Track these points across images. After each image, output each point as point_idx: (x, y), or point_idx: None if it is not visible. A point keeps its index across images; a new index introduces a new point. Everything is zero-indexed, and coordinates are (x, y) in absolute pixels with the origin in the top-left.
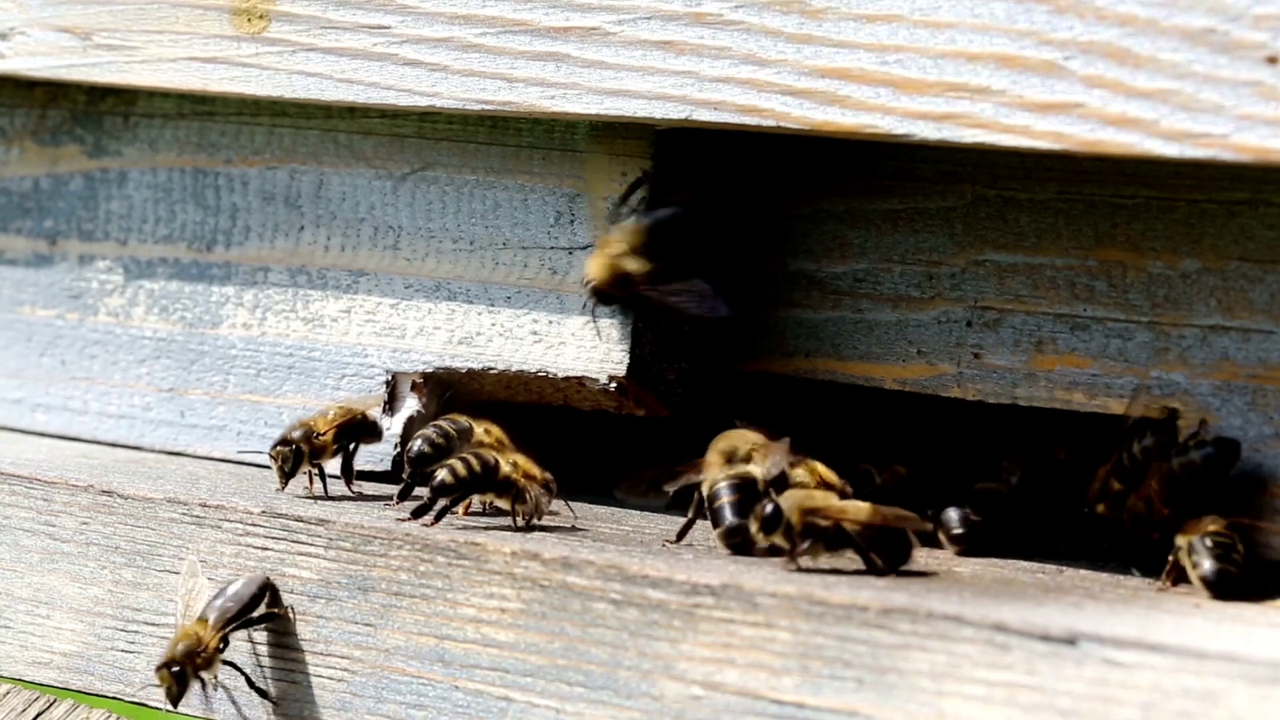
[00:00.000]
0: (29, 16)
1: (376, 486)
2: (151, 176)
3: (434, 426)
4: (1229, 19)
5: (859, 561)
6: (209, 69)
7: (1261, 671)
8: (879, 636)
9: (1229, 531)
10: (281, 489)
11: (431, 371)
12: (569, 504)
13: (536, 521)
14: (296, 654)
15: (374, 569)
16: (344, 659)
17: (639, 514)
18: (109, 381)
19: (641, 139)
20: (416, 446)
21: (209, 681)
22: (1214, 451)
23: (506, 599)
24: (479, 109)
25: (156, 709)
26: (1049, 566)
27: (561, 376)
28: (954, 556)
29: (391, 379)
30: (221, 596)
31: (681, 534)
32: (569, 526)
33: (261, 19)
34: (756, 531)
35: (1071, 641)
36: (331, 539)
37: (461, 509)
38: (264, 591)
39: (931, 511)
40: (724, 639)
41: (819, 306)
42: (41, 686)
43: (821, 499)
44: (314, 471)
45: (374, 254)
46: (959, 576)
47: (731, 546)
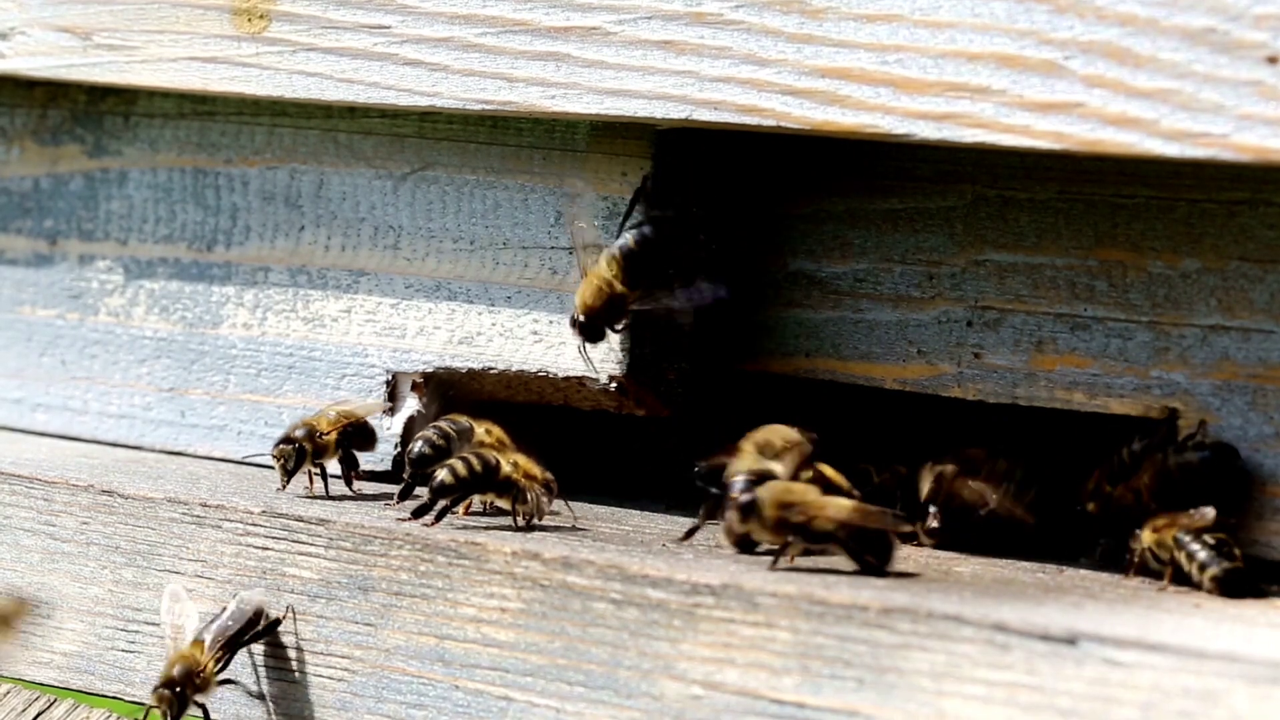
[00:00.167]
0: (29, 16)
1: (376, 486)
2: (152, 176)
3: (434, 427)
4: (1229, 19)
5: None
6: (209, 69)
7: (1261, 671)
8: (879, 636)
9: (1220, 531)
10: (283, 488)
11: (432, 371)
12: (569, 504)
13: (537, 521)
14: (297, 653)
15: (374, 569)
16: (344, 659)
17: (639, 514)
18: (109, 381)
19: (642, 139)
20: (417, 447)
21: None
22: (1210, 455)
23: (507, 599)
24: (479, 109)
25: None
26: (1049, 566)
27: (562, 376)
28: (953, 556)
29: (392, 379)
30: (217, 620)
31: (689, 534)
32: (569, 526)
33: (262, 19)
34: (733, 519)
35: (1072, 641)
36: (332, 539)
37: (462, 509)
38: (258, 617)
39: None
40: (724, 639)
41: (819, 306)
42: (41, 686)
43: (799, 493)
44: (315, 471)
45: (374, 254)
46: (959, 576)
47: (735, 543)
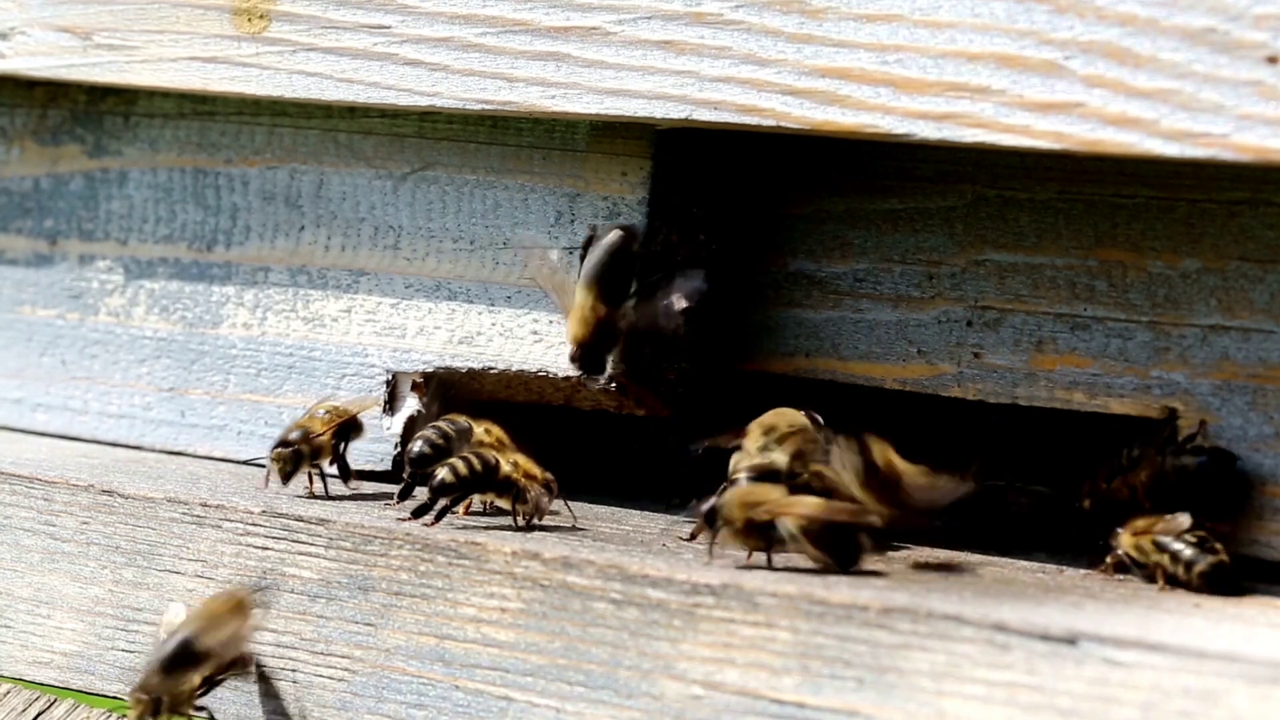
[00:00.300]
0: (29, 16)
1: (376, 486)
2: (152, 176)
3: (434, 426)
4: (1229, 19)
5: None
6: (209, 69)
7: (1261, 671)
8: (879, 636)
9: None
10: (280, 486)
11: (432, 371)
12: (569, 504)
13: (537, 521)
14: (297, 653)
15: (374, 569)
16: (344, 658)
17: (639, 514)
18: (109, 381)
19: (641, 139)
20: (416, 446)
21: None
22: (1208, 461)
23: (507, 599)
24: (479, 109)
25: None
26: (1049, 566)
27: (562, 376)
28: (954, 555)
29: (392, 379)
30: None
31: (694, 534)
32: (569, 526)
33: (262, 19)
34: (699, 527)
35: (1072, 641)
36: (332, 539)
37: (462, 509)
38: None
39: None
40: (724, 639)
41: (819, 306)
42: (42, 686)
43: (763, 493)
44: (314, 472)
45: (374, 254)
46: (959, 576)
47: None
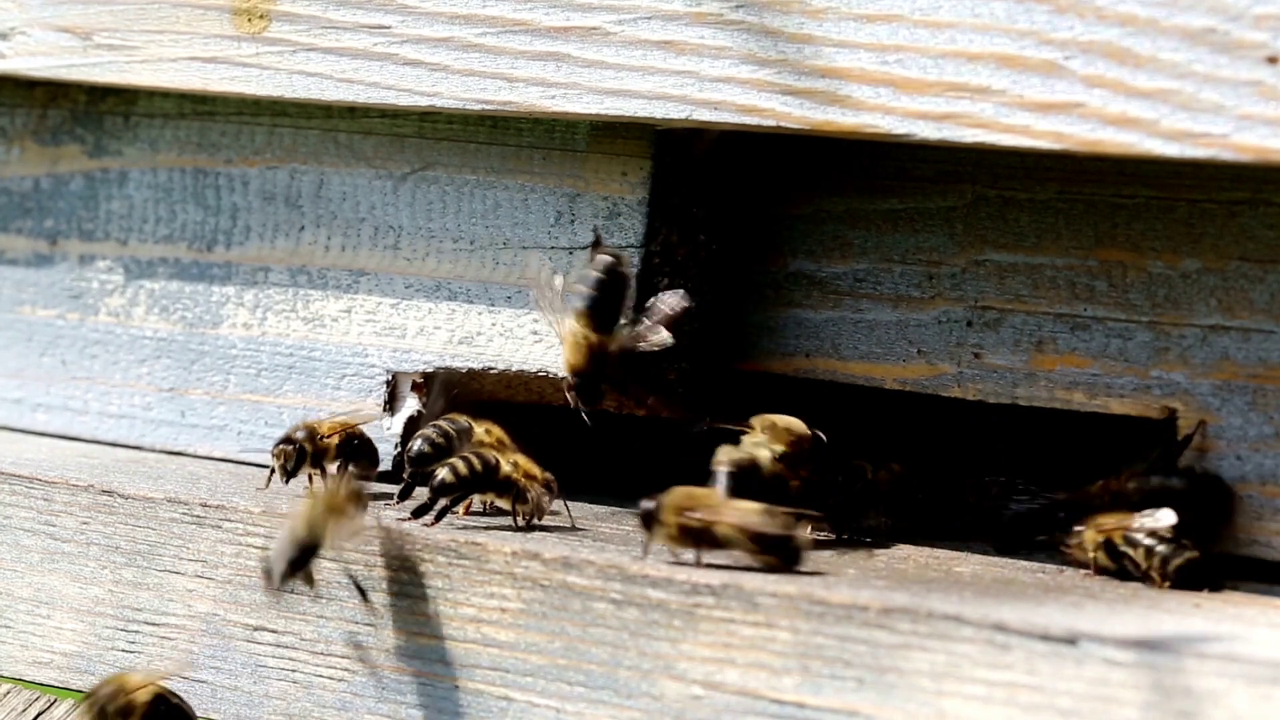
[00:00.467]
0: (29, 16)
1: (376, 486)
2: (152, 176)
3: (434, 426)
4: (1229, 19)
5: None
6: (209, 69)
7: (1261, 671)
8: (879, 636)
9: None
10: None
11: (432, 371)
12: (569, 504)
13: (537, 521)
14: (297, 653)
15: (374, 568)
16: (344, 659)
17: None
18: (109, 381)
19: (641, 139)
20: (417, 446)
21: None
22: (1190, 487)
23: (507, 599)
24: (479, 109)
25: None
26: (1049, 566)
27: (562, 376)
28: (953, 555)
29: (392, 379)
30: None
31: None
32: (569, 526)
33: (262, 19)
34: (640, 529)
35: (1072, 641)
36: None
37: (462, 509)
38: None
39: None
40: (724, 639)
41: (819, 306)
42: (42, 686)
43: (701, 497)
44: (316, 473)
45: (374, 254)
46: (959, 576)
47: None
